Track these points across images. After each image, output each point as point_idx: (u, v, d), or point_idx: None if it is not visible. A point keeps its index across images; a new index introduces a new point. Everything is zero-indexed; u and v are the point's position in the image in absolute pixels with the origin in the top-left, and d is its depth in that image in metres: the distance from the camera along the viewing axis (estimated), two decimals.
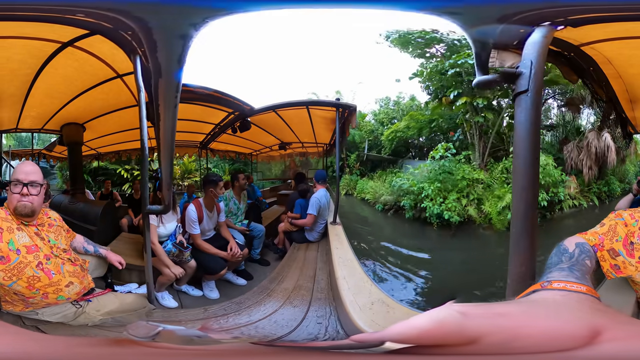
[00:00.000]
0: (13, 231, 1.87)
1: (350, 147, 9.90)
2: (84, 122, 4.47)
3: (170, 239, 3.18)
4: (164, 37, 1.70)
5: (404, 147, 9.63)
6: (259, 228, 4.28)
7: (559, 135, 5.75)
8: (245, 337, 2.32)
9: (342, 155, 7.25)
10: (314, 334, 2.47)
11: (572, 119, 5.68)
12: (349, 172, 9.71)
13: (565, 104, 5.84)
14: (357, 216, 8.67)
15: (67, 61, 2.95)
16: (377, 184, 8.76)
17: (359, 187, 9.25)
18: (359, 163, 9.82)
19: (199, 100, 4.37)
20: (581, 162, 5.11)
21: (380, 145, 9.78)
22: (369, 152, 9.99)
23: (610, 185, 5.52)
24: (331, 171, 8.30)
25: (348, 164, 9.72)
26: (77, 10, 1.84)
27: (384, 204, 7.93)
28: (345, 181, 9.53)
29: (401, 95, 9.98)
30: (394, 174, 8.46)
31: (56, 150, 5.68)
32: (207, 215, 3.51)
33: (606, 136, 4.96)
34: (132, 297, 2.52)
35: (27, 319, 2.05)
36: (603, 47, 1.91)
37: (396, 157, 9.60)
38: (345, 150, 8.91)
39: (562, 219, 5.18)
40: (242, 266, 3.84)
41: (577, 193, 5.24)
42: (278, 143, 6.65)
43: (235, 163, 8.65)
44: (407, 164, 8.93)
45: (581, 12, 1.41)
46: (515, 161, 1.29)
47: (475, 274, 4.83)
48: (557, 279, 0.95)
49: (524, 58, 1.24)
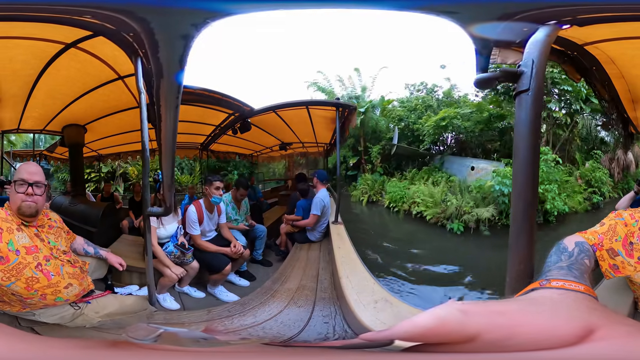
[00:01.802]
0: (13, 232, 1.87)
1: (371, 136, 8.00)
2: (85, 124, 4.48)
3: (172, 240, 3.18)
4: (165, 38, 1.70)
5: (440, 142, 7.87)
6: (261, 228, 4.28)
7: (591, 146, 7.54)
8: (256, 338, 2.32)
9: (360, 148, 6.74)
10: (324, 333, 2.47)
11: (604, 135, 7.65)
12: (370, 169, 7.75)
13: (602, 125, 7.65)
14: (432, 252, 4.86)
15: (70, 62, 2.96)
16: (427, 188, 6.28)
17: (392, 192, 6.85)
18: (381, 158, 7.80)
19: (199, 102, 4.38)
20: (613, 169, 7.17)
21: (409, 137, 7.96)
22: (400, 144, 7.69)
23: (629, 184, 7.29)
24: (344, 167, 7.46)
25: (367, 159, 7.80)
26: (81, 11, 1.85)
27: (475, 219, 4.82)
28: (366, 182, 7.58)
29: (438, 84, 8.50)
30: (437, 173, 6.81)
31: (57, 152, 5.69)
32: (208, 216, 3.51)
33: (630, 154, 7.19)
34: (132, 299, 2.52)
35: (22, 319, 2.04)
36: (607, 47, 1.91)
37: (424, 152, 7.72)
38: (363, 141, 7.50)
39: (607, 204, 6.60)
40: (244, 267, 3.84)
41: (612, 189, 7.20)
42: (278, 143, 6.66)
43: (237, 166, 7.93)
44: (450, 161, 7.18)
45: (588, 12, 1.40)
46: (515, 160, 1.29)
47: None
48: (556, 278, 0.95)
49: (525, 57, 1.23)
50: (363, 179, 7.61)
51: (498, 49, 1.42)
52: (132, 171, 7.56)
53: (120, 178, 7.61)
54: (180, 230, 3.30)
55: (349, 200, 8.15)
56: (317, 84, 8.99)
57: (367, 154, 8.06)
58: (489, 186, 5.65)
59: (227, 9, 1.56)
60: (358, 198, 7.97)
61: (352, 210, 7.54)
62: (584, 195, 6.64)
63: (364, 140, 8.22)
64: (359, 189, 7.90)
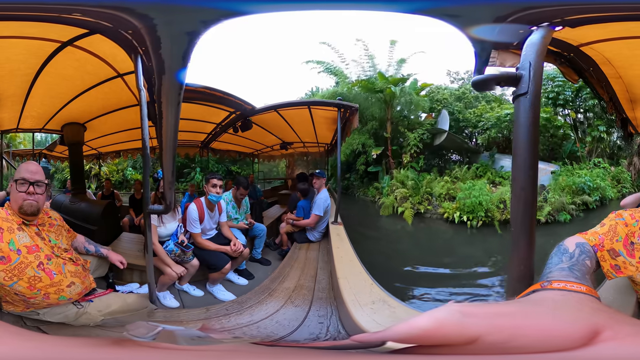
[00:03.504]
0: (14, 231, 1.87)
1: (407, 122, 6.09)
2: (84, 122, 4.48)
3: (172, 238, 3.18)
4: (169, 34, 1.70)
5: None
6: (260, 227, 4.28)
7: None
8: (247, 338, 2.33)
9: (386, 134, 5.46)
10: (316, 333, 2.47)
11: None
12: (406, 163, 5.67)
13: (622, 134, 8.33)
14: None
15: (68, 61, 2.95)
16: (501, 189, 4.45)
17: (468, 197, 4.62)
18: (413, 152, 5.77)
19: (200, 100, 4.38)
20: (631, 172, 8.14)
21: (452, 127, 6.35)
22: (455, 133, 5.82)
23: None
24: (362, 161, 5.92)
25: (395, 150, 5.69)
26: (76, 9, 1.84)
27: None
28: (400, 182, 5.46)
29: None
30: (493, 173, 5.50)
31: (57, 150, 5.69)
32: (208, 215, 3.52)
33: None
34: (133, 297, 2.52)
35: (28, 319, 2.05)
36: (602, 47, 1.91)
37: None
38: (391, 125, 5.58)
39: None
40: (243, 266, 3.85)
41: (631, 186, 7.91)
42: (279, 142, 6.66)
43: (236, 163, 7.47)
44: (499, 159, 6.12)
45: (578, 12, 1.41)
46: (514, 161, 1.29)
47: None
48: (557, 279, 0.95)
49: (522, 59, 1.24)
50: (395, 178, 5.52)
51: (497, 52, 1.42)
52: (104, 171, 7.47)
53: (93, 178, 7.58)
54: (181, 228, 3.30)
55: (366, 208, 5.79)
56: (325, 64, 7.15)
57: (396, 143, 6.10)
58: (578, 182, 5.99)
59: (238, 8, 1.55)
60: (392, 208, 5.83)
61: (390, 238, 4.93)
62: (617, 188, 7.53)
63: (392, 124, 6.15)
64: (390, 195, 5.78)
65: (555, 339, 0.50)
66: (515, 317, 0.54)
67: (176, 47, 1.73)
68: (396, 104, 6.33)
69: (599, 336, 0.50)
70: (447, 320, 0.51)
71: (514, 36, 1.35)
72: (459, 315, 0.51)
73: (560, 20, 1.40)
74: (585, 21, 1.48)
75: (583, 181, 6.25)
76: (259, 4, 1.61)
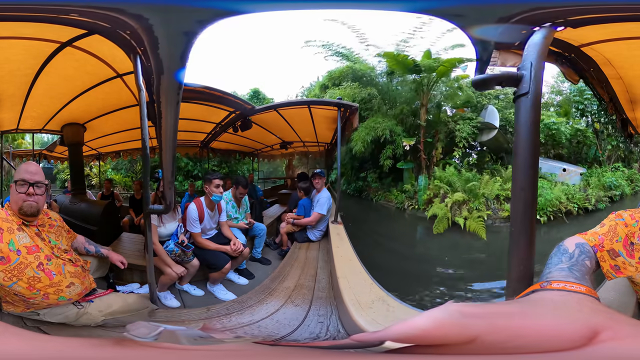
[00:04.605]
0: (13, 232, 1.87)
1: (438, 113, 5.02)
2: (84, 122, 4.48)
3: (173, 238, 3.18)
4: (167, 34, 1.70)
5: None
6: (261, 227, 4.28)
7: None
8: (248, 337, 2.33)
9: (420, 122, 4.62)
10: (316, 333, 2.48)
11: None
12: (440, 161, 4.69)
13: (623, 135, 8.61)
14: None
15: (67, 61, 2.95)
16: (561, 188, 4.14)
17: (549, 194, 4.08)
18: (462, 147, 4.82)
19: (200, 100, 4.38)
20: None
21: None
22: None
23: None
24: (389, 153, 5.06)
25: (429, 143, 4.65)
26: (74, 10, 1.84)
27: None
28: (444, 182, 4.35)
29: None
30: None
31: (57, 151, 5.69)
32: (208, 214, 3.52)
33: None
34: (134, 297, 2.52)
35: (28, 320, 2.06)
36: (603, 48, 1.91)
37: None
38: (425, 112, 4.78)
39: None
40: (243, 265, 3.85)
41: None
42: (279, 142, 6.66)
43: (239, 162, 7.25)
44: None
45: (580, 13, 1.41)
46: (515, 162, 1.30)
47: None
48: (557, 279, 0.95)
49: (524, 60, 1.23)
50: (439, 178, 4.51)
51: (498, 52, 1.42)
52: (94, 173, 7.43)
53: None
54: (181, 228, 3.31)
55: (397, 220, 4.64)
56: (332, 47, 6.07)
57: (430, 135, 5.05)
58: (607, 182, 6.64)
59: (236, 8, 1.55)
60: (448, 221, 4.41)
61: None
62: (631, 187, 7.87)
63: (427, 112, 5.10)
64: (433, 200, 4.60)
65: (555, 339, 0.50)
66: (514, 317, 0.54)
67: (174, 47, 1.73)
68: (437, 89, 5.31)
69: (598, 336, 0.50)
70: (446, 320, 0.51)
71: (515, 36, 1.35)
72: (458, 315, 0.52)
73: (562, 20, 1.40)
74: (587, 22, 1.48)
75: (610, 181, 7.35)
76: (258, 3, 1.61)
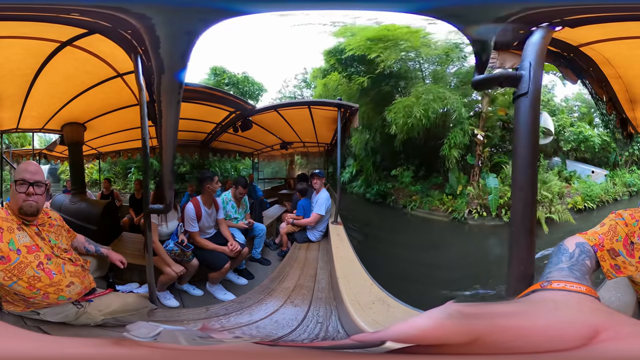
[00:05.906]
0: (13, 231, 1.87)
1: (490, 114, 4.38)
2: (84, 122, 4.47)
3: (172, 238, 3.19)
4: (169, 33, 1.70)
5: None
6: (260, 227, 4.28)
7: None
8: (248, 337, 2.33)
9: (486, 113, 4.38)
10: (315, 333, 2.47)
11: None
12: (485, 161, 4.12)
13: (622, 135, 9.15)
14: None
15: (67, 60, 2.95)
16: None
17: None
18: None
19: (200, 99, 4.38)
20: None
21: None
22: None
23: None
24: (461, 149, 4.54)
25: (487, 142, 4.29)
26: (75, 9, 1.84)
27: None
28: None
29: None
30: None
31: (57, 150, 5.69)
32: (206, 212, 3.52)
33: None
34: (133, 297, 2.52)
35: (28, 319, 2.06)
36: (602, 48, 1.91)
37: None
38: (489, 100, 4.43)
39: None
40: (242, 265, 3.85)
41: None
42: (279, 142, 6.65)
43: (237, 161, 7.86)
44: (568, 165, 6.14)
45: (578, 13, 1.41)
46: (514, 161, 1.30)
47: None
48: (557, 279, 0.95)
49: (523, 60, 1.23)
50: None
51: (497, 52, 1.42)
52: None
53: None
54: (181, 228, 3.31)
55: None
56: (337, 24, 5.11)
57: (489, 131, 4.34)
58: (628, 181, 6.96)
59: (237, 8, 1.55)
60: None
61: None
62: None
63: (491, 101, 4.47)
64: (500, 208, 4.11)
65: (555, 339, 0.49)
66: (514, 317, 0.54)
67: (175, 47, 1.73)
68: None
69: (598, 336, 0.49)
70: (447, 320, 0.51)
71: (513, 37, 1.35)
72: (459, 315, 0.51)
73: (560, 20, 1.40)
74: (585, 21, 1.48)
75: (630, 180, 7.76)
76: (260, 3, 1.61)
